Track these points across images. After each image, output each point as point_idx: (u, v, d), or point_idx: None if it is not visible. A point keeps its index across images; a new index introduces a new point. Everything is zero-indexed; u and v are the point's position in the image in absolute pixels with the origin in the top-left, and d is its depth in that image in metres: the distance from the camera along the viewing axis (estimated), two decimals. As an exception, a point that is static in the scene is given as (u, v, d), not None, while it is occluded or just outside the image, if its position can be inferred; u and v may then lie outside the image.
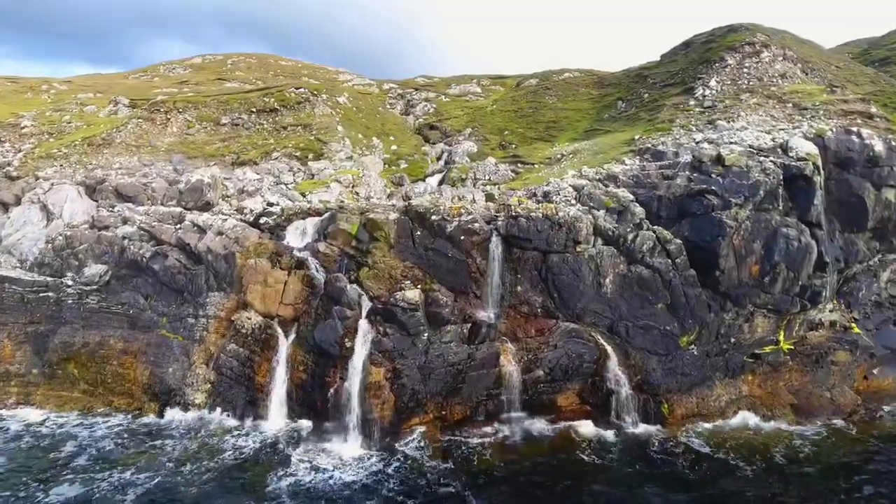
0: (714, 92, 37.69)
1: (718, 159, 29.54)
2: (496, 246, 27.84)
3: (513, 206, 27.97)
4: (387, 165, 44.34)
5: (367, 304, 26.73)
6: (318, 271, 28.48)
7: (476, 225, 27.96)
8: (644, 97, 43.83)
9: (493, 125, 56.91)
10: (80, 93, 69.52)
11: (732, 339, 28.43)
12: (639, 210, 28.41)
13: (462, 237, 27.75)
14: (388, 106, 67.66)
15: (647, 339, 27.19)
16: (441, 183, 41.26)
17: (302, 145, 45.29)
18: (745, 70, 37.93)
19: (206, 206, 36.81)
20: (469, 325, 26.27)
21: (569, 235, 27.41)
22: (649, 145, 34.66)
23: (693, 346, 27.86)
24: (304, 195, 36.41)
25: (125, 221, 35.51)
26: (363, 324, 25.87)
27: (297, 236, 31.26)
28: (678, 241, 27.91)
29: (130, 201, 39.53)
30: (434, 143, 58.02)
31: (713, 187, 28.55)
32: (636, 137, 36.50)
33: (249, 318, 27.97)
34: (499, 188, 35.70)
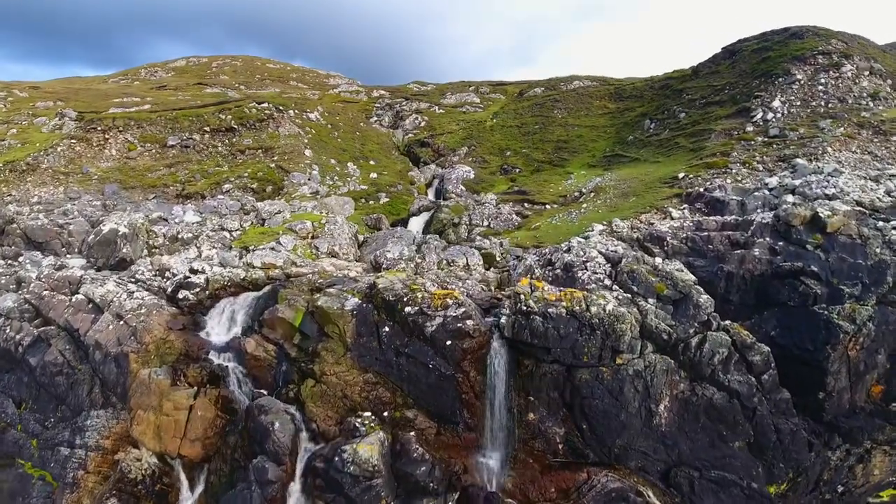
0: (780, 116, 28.05)
1: (814, 223, 19.99)
2: (499, 355, 18.35)
3: (522, 296, 18.42)
4: (363, 200, 34.76)
5: (305, 453, 17.26)
6: (240, 388, 19.08)
7: (469, 323, 18.43)
8: (680, 117, 34.15)
9: (494, 143, 47.28)
10: (40, 100, 60.04)
11: (840, 488, 18.98)
12: (705, 300, 18.83)
13: (449, 341, 18.26)
14: (375, 118, 57.96)
15: (723, 499, 17.67)
16: (427, 228, 31.72)
17: (260, 174, 35.76)
18: (819, 88, 28.26)
19: (122, 264, 27.36)
20: (458, 495, 16.70)
21: (605, 342, 17.88)
22: (701, 189, 25.10)
23: (784, 497, 18.40)
24: (247, 249, 26.87)
25: (20, 284, 26.24)
26: (295, 492, 16.37)
27: (223, 324, 21.79)
28: (764, 347, 18.36)
29: (40, 249, 30.23)
30: (424, 165, 48.41)
31: (812, 266, 19.02)
32: (680, 175, 26.91)
33: (139, 460, 18.49)
34: (501, 244, 26.15)
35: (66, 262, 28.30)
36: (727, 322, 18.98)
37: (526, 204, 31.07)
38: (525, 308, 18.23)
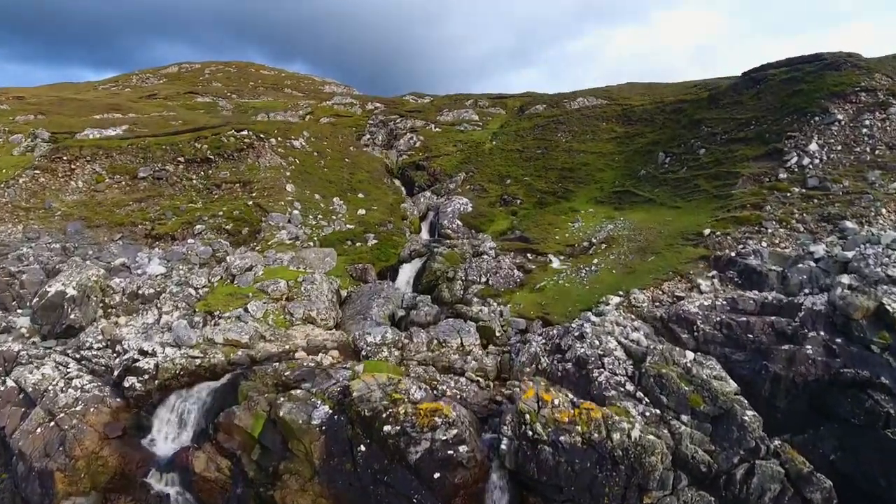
0: (818, 163, 24.22)
1: (880, 317, 16.25)
2: (499, 490, 14.66)
3: (528, 416, 14.70)
4: (349, 242, 30.95)
5: None
6: (181, 527, 15.40)
7: (462, 450, 14.69)
8: (699, 153, 30.30)
9: (493, 169, 43.45)
10: (21, 113, 56.27)
11: None
12: (751, 418, 15.10)
13: (437, 473, 14.55)
14: (368, 136, 54.09)
15: None
16: (419, 279, 27.96)
17: (236, 213, 31.92)
18: (864, 131, 24.40)
19: (69, 332, 23.69)
20: None
21: (630, 479, 14.17)
22: (732, 253, 21.31)
23: None
24: (211, 315, 23.17)
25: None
26: None
27: (172, 425, 18.08)
28: (825, 482, 14.64)
29: (-13, 304, 26.58)
30: (419, 191, 44.60)
31: (881, 377, 15.29)
32: (706, 232, 23.11)
33: None
34: (501, 314, 22.37)
35: (12, 323, 24.67)
36: (777, 443, 15.26)
37: (528, 254, 27.26)
38: (531, 433, 14.51)
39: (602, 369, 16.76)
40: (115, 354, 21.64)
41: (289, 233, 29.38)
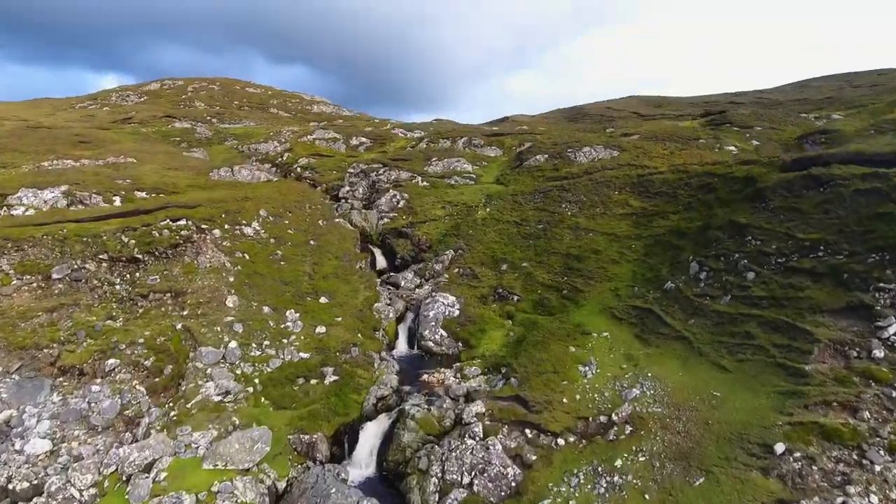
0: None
1: None
2: None
3: None
4: (300, 381, 23.66)
5: None
6: None
7: None
8: (746, 276, 22.86)
9: (486, 246, 36.03)
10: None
11: None
12: None
13: None
14: (346, 189, 46.55)
15: None
16: (384, 449, 20.66)
17: (161, 340, 24.65)
18: None
19: None
20: None
21: None
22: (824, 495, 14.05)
23: None
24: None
25: None
26: None
27: None
28: None
29: None
30: (400, 266, 37.31)
31: None
32: (778, 451, 15.80)
33: None
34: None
35: None
36: None
37: (528, 431, 19.92)
38: None
39: None
40: None
41: (217, 386, 22.03)
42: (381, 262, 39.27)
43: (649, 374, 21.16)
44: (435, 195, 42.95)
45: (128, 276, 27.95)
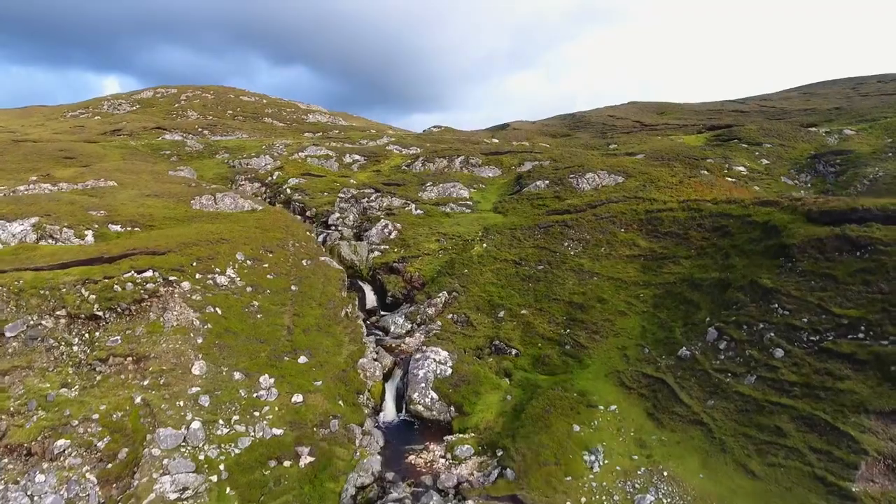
0: None
1: None
2: None
3: None
4: (271, 464, 20.88)
5: None
6: None
7: None
8: (773, 353, 19.98)
9: (482, 288, 33.15)
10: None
11: None
12: None
13: None
14: (336, 216, 43.64)
15: None
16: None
17: (118, 416, 21.90)
18: None
19: None
20: None
21: None
22: None
23: None
24: None
25: None
26: None
27: None
28: None
29: None
30: (391, 305, 34.53)
31: None
32: None
33: None
34: None
35: None
36: None
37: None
38: None
39: None
40: None
41: (174, 482, 19.22)
42: (371, 299, 36.47)
43: (665, 474, 18.32)
44: (429, 226, 40.05)
45: (87, 335, 25.13)
